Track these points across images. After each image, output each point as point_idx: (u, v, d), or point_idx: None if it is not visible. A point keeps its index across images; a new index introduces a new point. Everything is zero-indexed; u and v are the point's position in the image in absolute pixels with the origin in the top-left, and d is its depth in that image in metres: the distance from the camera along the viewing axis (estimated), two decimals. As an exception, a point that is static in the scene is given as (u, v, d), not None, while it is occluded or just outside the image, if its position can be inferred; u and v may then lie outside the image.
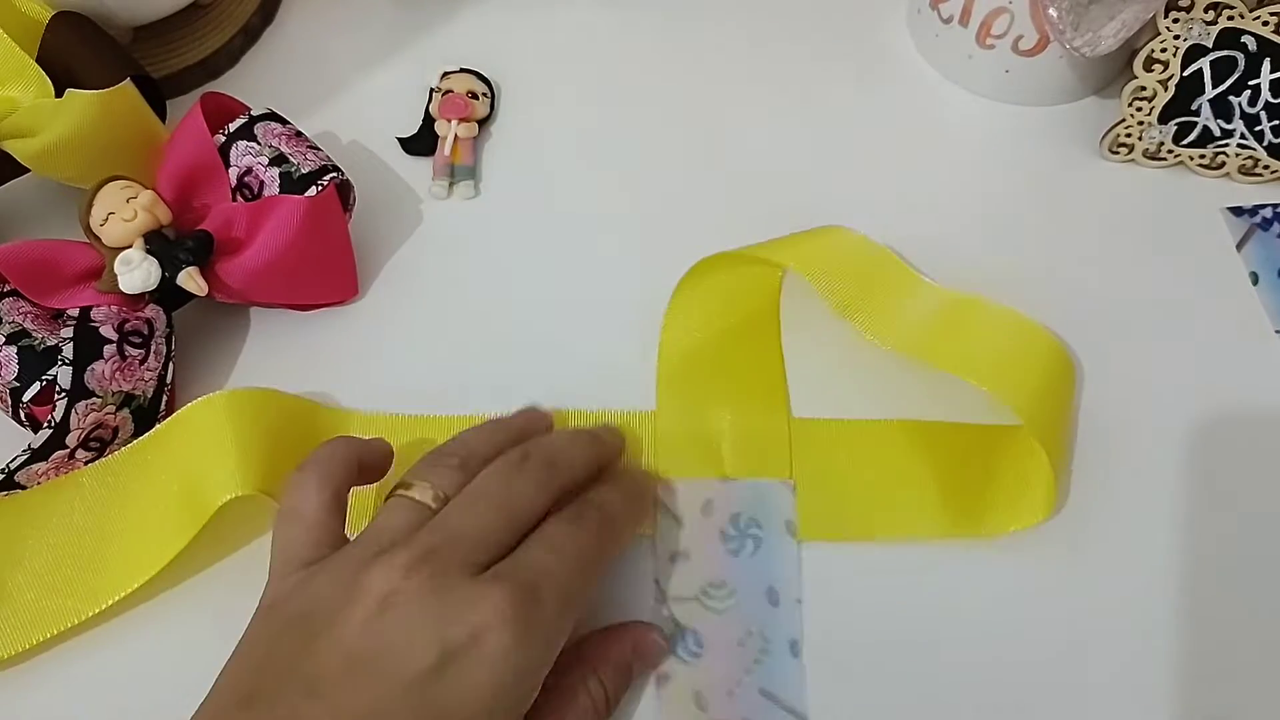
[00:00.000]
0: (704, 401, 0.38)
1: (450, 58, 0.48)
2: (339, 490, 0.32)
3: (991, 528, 0.36)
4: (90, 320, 0.36)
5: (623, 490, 0.33)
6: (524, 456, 0.32)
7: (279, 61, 0.50)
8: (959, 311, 0.39)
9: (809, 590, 0.35)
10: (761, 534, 0.36)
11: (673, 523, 0.36)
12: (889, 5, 0.51)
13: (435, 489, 0.31)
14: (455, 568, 0.28)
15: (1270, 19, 0.42)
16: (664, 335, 0.39)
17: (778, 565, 0.35)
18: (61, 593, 0.34)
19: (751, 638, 0.34)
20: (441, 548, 0.28)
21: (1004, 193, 0.45)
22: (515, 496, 0.30)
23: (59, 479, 0.36)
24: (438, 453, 0.33)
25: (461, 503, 0.30)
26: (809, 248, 0.39)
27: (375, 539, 0.29)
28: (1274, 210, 0.44)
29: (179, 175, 0.39)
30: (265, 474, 0.34)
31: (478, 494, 0.30)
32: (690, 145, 0.47)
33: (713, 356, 0.39)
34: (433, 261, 0.43)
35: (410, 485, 0.31)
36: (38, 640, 0.33)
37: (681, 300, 0.39)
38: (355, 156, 0.45)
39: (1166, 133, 0.44)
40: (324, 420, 0.38)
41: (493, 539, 0.29)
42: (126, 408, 0.36)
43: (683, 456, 0.37)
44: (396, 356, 0.41)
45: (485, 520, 0.30)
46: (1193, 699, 0.33)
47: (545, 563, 0.29)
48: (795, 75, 0.49)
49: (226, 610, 0.30)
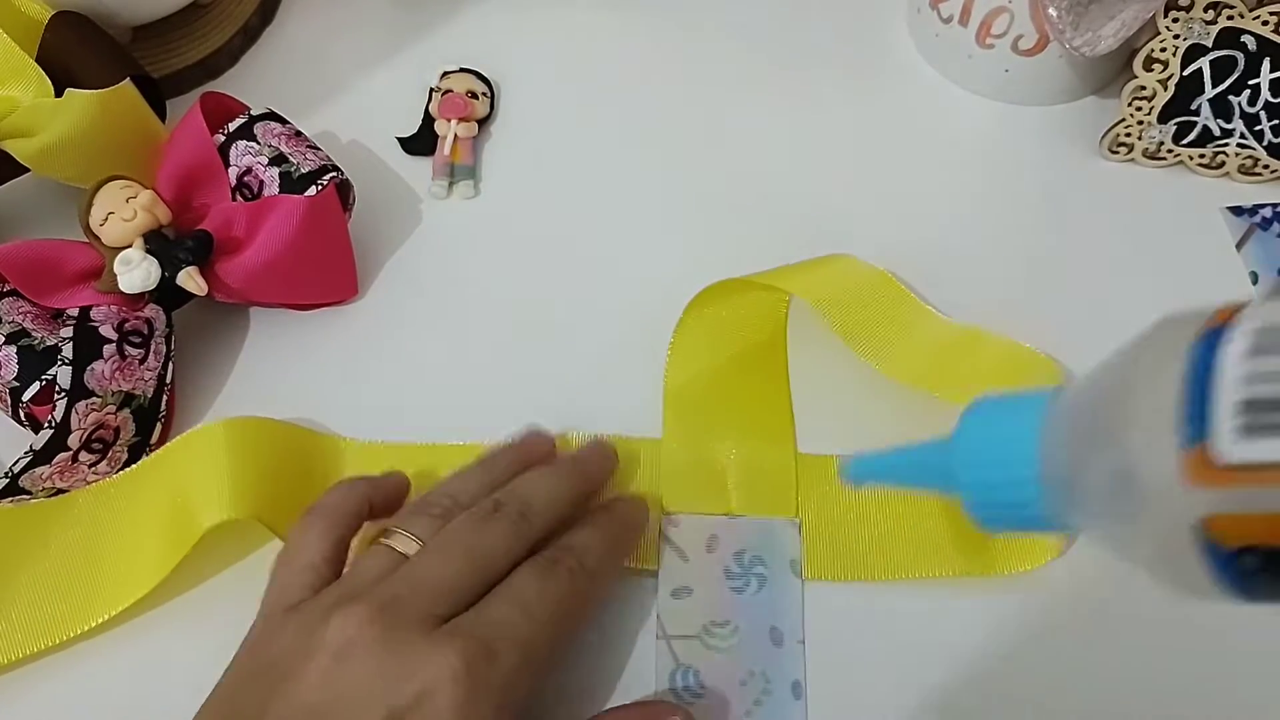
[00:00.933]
0: (710, 433, 0.37)
1: (450, 58, 0.48)
2: (342, 539, 0.32)
3: (1002, 566, 0.34)
4: (90, 320, 0.36)
5: (604, 533, 0.32)
6: (496, 505, 0.31)
7: (279, 61, 0.50)
8: (963, 343, 0.39)
9: (812, 630, 0.34)
10: (766, 572, 0.35)
11: (677, 558, 0.35)
12: (889, 5, 0.51)
13: (416, 540, 0.31)
14: (414, 620, 0.28)
15: (1270, 19, 0.42)
16: (670, 362, 0.38)
17: (782, 604, 0.34)
18: (53, 608, 0.34)
19: (754, 678, 0.33)
20: (403, 597, 0.28)
21: (1004, 192, 0.45)
22: (484, 546, 0.30)
23: (58, 499, 0.36)
24: (424, 500, 0.32)
25: (429, 551, 0.30)
26: (816, 276, 0.39)
27: (348, 586, 0.30)
28: (1274, 210, 0.44)
29: (179, 175, 0.39)
30: (257, 501, 0.34)
31: (445, 543, 0.30)
32: (690, 144, 0.47)
33: (719, 387, 0.38)
34: (433, 261, 0.43)
35: (393, 533, 0.31)
36: (26, 654, 0.34)
37: (687, 327, 0.38)
38: (355, 156, 0.45)
39: (1166, 132, 0.44)
40: (320, 449, 0.38)
41: (457, 590, 0.29)
42: (127, 408, 0.36)
43: (688, 490, 0.36)
44: (396, 356, 0.41)
45: (450, 570, 0.29)
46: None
47: (507, 618, 0.28)
48: (795, 74, 0.49)
49: (218, 627, 0.30)
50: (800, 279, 0.38)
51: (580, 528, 0.32)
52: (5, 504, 0.35)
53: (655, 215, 0.44)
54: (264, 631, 0.30)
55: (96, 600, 0.34)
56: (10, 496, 0.35)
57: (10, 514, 0.35)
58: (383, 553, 0.30)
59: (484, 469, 0.34)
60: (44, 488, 0.35)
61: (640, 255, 0.43)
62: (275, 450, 0.36)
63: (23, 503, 0.35)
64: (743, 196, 0.45)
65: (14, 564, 0.35)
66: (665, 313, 0.39)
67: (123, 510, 0.36)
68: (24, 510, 0.35)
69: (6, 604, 0.34)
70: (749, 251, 0.42)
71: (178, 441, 0.36)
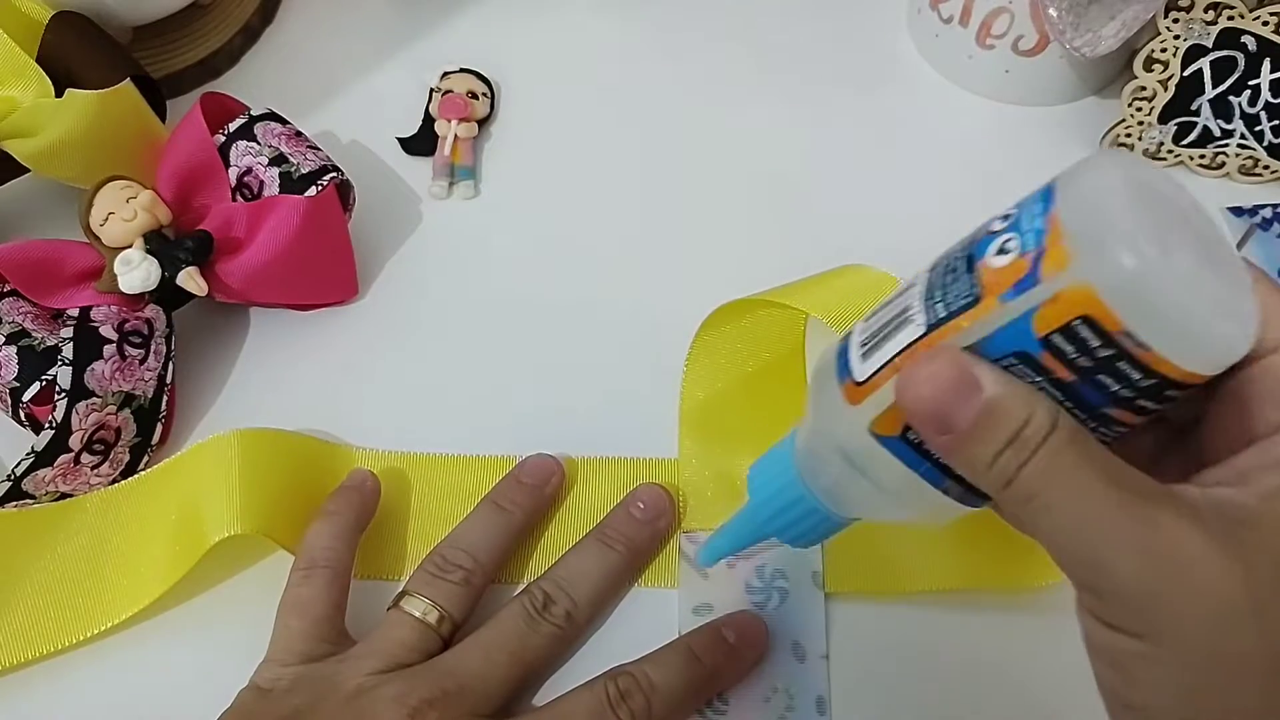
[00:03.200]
0: (729, 450, 0.37)
1: (450, 58, 0.48)
2: (345, 587, 0.33)
3: (1028, 579, 0.33)
4: (90, 320, 0.36)
5: (688, 678, 0.31)
6: (546, 601, 0.32)
7: (279, 61, 0.50)
8: None
9: (836, 645, 0.34)
10: (788, 586, 0.34)
11: (697, 575, 0.35)
12: (889, 5, 0.51)
13: (440, 610, 0.31)
14: (461, 719, 0.29)
15: (1270, 19, 0.42)
16: (686, 380, 0.38)
17: (804, 619, 0.34)
18: (56, 615, 0.34)
19: (777, 694, 0.33)
20: (452, 695, 0.29)
21: (1004, 193, 0.44)
22: (529, 651, 0.31)
23: (63, 504, 0.36)
24: (441, 560, 0.33)
25: (476, 649, 0.31)
26: (830, 289, 0.38)
27: (378, 656, 0.30)
28: (1274, 210, 0.44)
29: (179, 175, 0.39)
30: (267, 516, 0.34)
31: (493, 644, 0.31)
32: (690, 144, 0.47)
33: (737, 404, 0.38)
34: (433, 261, 0.43)
35: (414, 598, 0.32)
36: (28, 658, 0.34)
37: (703, 346, 0.38)
38: (355, 156, 0.45)
39: (1166, 133, 0.44)
40: (332, 459, 0.37)
41: (503, 691, 0.30)
42: (127, 408, 0.36)
43: (707, 507, 0.36)
44: (396, 357, 0.41)
45: (498, 673, 0.30)
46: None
47: None
48: (795, 75, 0.49)
49: (218, 631, 0.31)
50: (815, 294, 0.37)
51: (663, 661, 0.31)
52: (9, 509, 0.35)
53: (655, 215, 0.44)
54: (282, 677, 0.30)
55: (99, 609, 0.34)
56: (14, 501, 0.35)
57: (14, 519, 0.35)
58: (408, 623, 0.31)
59: (497, 516, 0.34)
60: (47, 491, 0.35)
61: (640, 255, 0.43)
62: (288, 463, 0.36)
63: (26, 507, 0.35)
64: (743, 196, 0.45)
65: (17, 570, 0.35)
66: (666, 311, 0.39)
67: (130, 519, 0.36)
68: (28, 515, 0.35)
69: (9, 610, 0.34)
70: (749, 250, 0.42)
71: (191, 451, 0.36)
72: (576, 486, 0.37)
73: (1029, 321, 0.20)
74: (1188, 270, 0.20)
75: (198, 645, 0.34)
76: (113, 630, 0.34)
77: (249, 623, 0.32)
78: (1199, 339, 0.20)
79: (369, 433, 0.38)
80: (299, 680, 0.30)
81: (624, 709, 0.30)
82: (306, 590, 0.32)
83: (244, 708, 0.30)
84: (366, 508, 0.35)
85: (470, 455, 0.37)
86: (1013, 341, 0.20)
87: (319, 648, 0.31)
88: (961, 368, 0.20)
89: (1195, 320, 0.19)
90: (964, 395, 0.20)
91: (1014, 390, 0.20)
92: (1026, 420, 0.20)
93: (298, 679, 0.30)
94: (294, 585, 0.32)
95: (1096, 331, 0.20)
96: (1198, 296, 0.19)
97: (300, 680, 0.30)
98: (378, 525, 0.36)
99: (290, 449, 0.36)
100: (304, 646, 0.31)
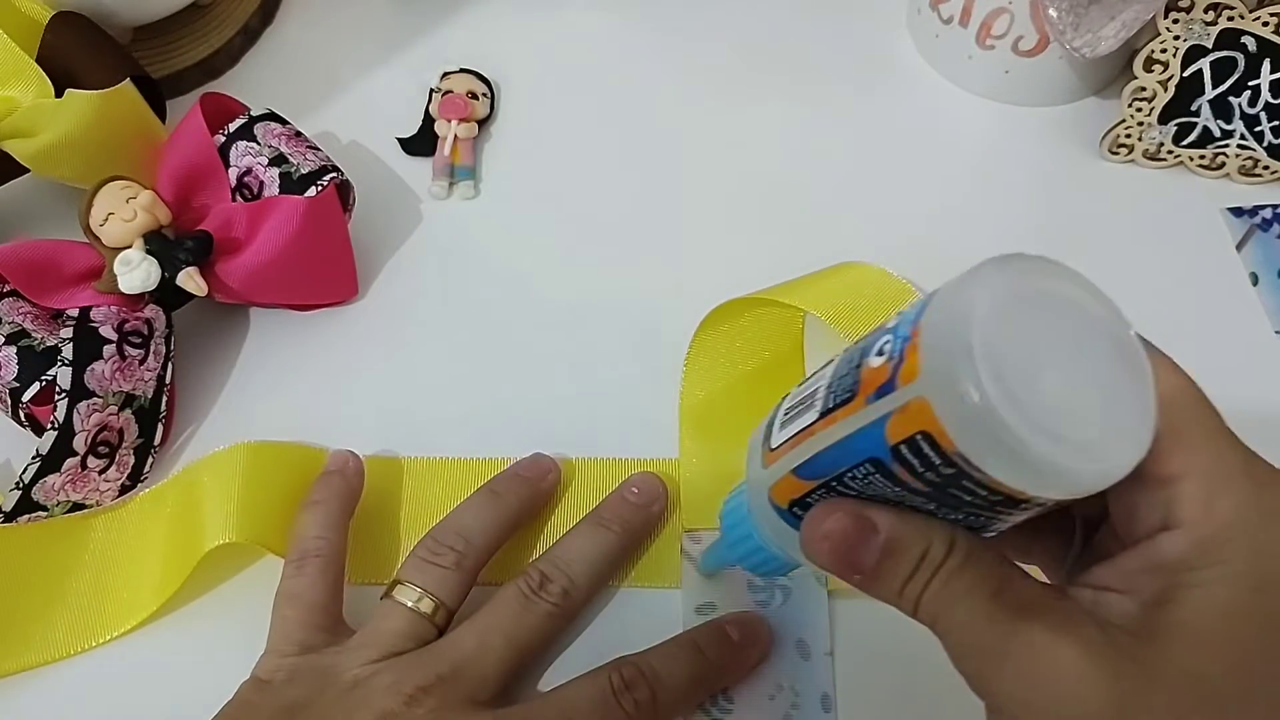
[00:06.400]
0: (729, 449, 0.36)
1: (450, 58, 0.48)
2: (339, 574, 0.33)
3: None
4: (90, 320, 0.36)
5: (692, 670, 0.31)
6: (542, 581, 0.32)
7: (279, 61, 0.50)
8: None
9: (840, 642, 0.34)
10: (790, 584, 0.34)
11: (699, 575, 0.35)
12: (889, 5, 0.51)
13: (432, 598, 0.31)
14: (458, 704, 0.29)
15: (1270, 19, 0.42)
16: (685, 380, 0.38)
17: (808, 616, 0.34)
18: (59, 626, 0.34)
19: (782, 692, 0.33)
20: (448, 680, 0.29)
21: (1004, 193, 0.45)
22: (524, 632, 0.31)
23: (74, 518, 0.36)
24: (433, 544, 0.33)
25: (471, 633, 0.31)
26: (828, 287, 0.38)
27: (373, 647, 0.30)
28: (1274, 210, 0.44)
29: (179, 175, 0.39)
30: (263, 525, 0.34)
31: (488, 627, 0.31)
32: (690, 144, 0.47)
33: (736, 403, 0.38)
34: (433, 261, 0.43)
35: (406, 587, 0.31)
36: (31, 665, 0.34)
37: (702, 345, 0.38)
38: (355, 156, 0.45)
39: (1166, 133, 0.44)
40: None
41: (499, 674, 0.30)
42: (128, 408, 0.36)
43: (708, 507, 0.35)
44: (396, 357, 0.41)
45: (494, 656, 0.30)
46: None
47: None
48: (795, 75, 0.49)
49: (218, 631, 0.31)
50: (813, 292, 0.37)
51: (667, 654, 0.31)
52: (23, 521, 0.35)
53: (655, 215, 0.44)
54: (280, 667, 0.30)
55: (100, 622, 0.34)
56: (25, 514, 0.35)
57: (21, 533, 0.35)
58: (400, 612, 0.31)
59: (490, 500, 0.34)
60: (59, 501, 0.35)
61: (640, 254, 0.43)
62: (291, 475, 0.36)
63: (39, 520, 0.35)
64: (743, 196, 0.45)
65: (20, 582, 0.35)
66: (666, 311, 0.39)
67: (135, 536, 0.36)
68: (38, 529, 0.35)
69: (12, 619, 0.34)
70: (749, 250, 0.42)
71: (195, 466, 0.36)
72: (575, 487, 0.37)
73: (883, 427, 0.20)
74: (1044, 402, 0.19)
75: (200, 640, 0.34)
76: (119, 637, 0.34)
77: (250, 618, 0.32)
78: (1045, 473, 0.19)
79: (368, 433, 0.38)
80: (297, 672, 0.30)
81: (628, 699, 0.30)
82: (301, 581, 0.32)
83: (244, 700, 0.30)
84: (352, 491, 0.35)
85: (469, 458, 0.37)
86: (870, 446, 0.21)
87: (316, 636, 0.31)
88: (856, 515, 0.22)
89: (1039, 455, 0.18)
90: (863, 539, 0.22)
91: (908, 524, 0.22)
92: (925, 551, 0.22)
93: (296, 670, 0.30)
94: (288, 577, 0.32)
95: (935, 449, 0.19)
96: (1050, 430, 0.18)
97: (299, 672, 0.30)
98: (375, 527, 0.36)
99: (294, 460, 0.36)
100: (301, 635, 0.31)
